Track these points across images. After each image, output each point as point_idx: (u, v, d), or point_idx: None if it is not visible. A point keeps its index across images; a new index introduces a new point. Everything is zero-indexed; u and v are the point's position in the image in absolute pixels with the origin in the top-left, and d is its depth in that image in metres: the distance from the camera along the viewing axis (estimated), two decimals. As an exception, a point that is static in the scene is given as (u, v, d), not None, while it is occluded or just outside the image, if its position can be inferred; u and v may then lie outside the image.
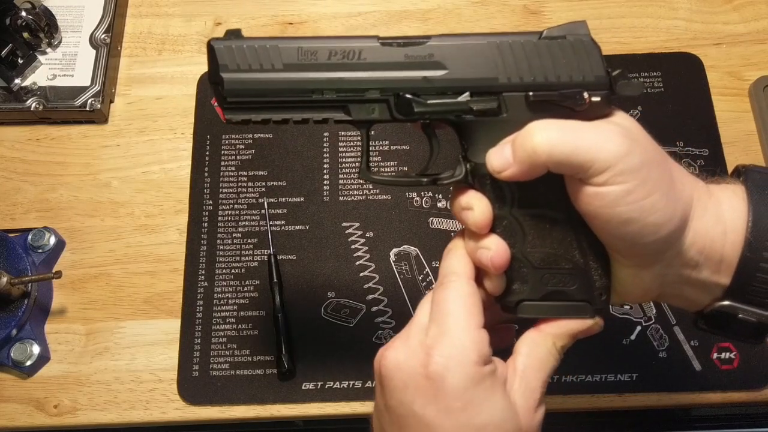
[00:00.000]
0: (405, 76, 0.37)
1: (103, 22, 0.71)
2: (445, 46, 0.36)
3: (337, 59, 0.37)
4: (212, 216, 0.65)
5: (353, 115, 0.38)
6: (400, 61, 0.37)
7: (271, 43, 0.37)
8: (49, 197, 0.66)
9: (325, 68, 0.37)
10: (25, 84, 0.69)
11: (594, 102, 0.35)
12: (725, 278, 0.35)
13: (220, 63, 0.37)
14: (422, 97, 0.37)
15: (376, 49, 0.37)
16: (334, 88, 0.37)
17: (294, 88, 0.37)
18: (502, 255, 0.37)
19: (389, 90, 0.37)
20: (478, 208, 0.37)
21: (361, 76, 0.37)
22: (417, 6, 0.74)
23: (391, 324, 0.61)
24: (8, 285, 0.57)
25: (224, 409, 0.59)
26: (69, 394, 0.60)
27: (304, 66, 0.37)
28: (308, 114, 0.38)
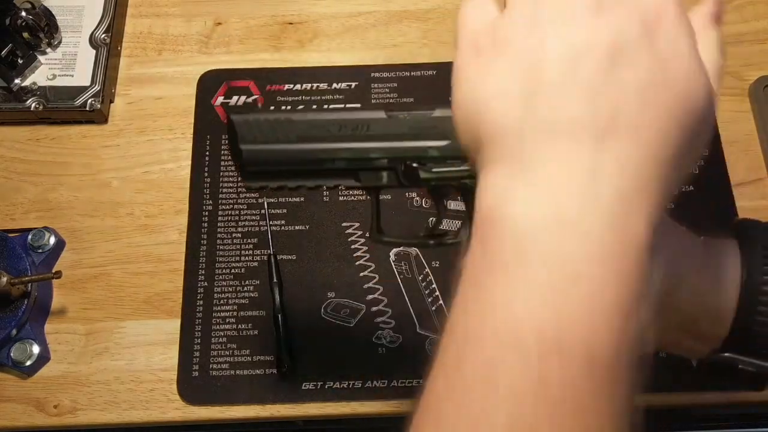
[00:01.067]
0: (409, 146, 0.39)
1: (103, 22, 0.71)
2: (447, 117, 0.38)
3: (346, 131, 0.39)
4: (212, 216, 0.65)
5: (363, 182, 0.40)
6: (404, 132, 0.39)
7: (285, 116, 0.39)
8: (49, 197, 0.66)
9: (336, 139, 0.39)
10: (25, 84, 0.69)
11: None
12: (723, 331, 0.36)
13: (240, 135, 0.40)
14: (428, 165, 0.39)
15: (383, 121, 0.39)
16: (343, 158, 0.39)
17: (307, 158, 0.39)
18: None
19: (394, 159, 0.39)
20: None
21: (368, 146, 0.39)
22: (417, 6, 0.74)
23: (391, 324, 0.61)
24: (8, 285, 0.57)
25: (224, 409, 0.59)
26: (69, 394, 0.60)
27: (317, 137, 0.39)
28: (321, 181, 0.41)
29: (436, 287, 0.62)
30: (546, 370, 0.23)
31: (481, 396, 0.24)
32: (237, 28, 0.73)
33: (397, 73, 0.70)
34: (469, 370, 0.24)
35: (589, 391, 0.23)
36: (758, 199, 0.64)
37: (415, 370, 0.59)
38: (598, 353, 0.23)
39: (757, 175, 0.65)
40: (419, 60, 0.71)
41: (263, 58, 0.72)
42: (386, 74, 0.70)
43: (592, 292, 0.23)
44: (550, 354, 0.23)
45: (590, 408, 0.23)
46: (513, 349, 0.23)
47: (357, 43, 0.72)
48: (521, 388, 0.23)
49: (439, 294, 0.61)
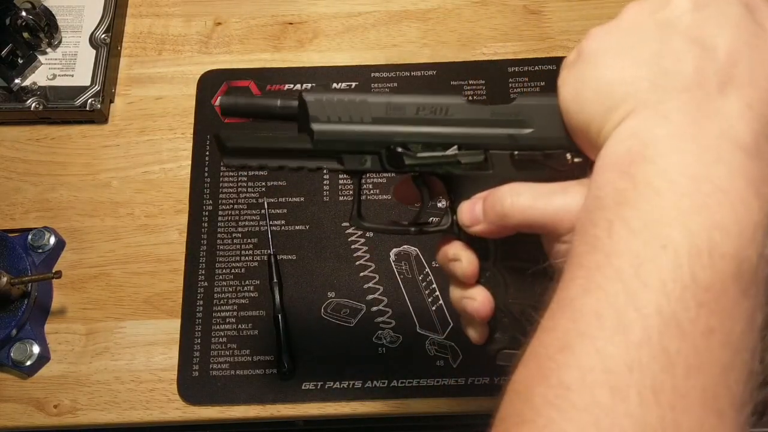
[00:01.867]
0: (490, 133, 0.37)
1: (103, 22, 0.71)
2: (530, 105, 0.37)
3: (424, 114, 0.38)
4: (212, 216, 0.65)
5: (346, 165, 0.39)
6: (486, 118, 0.37)
7: (360, 97, 0.38)
8: (49, 197, 0.66)
9: (413, 122, 0.38)
10: (25, 84, 0.69)
11: (576, 163, 0.36)
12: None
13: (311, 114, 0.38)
14: (412, 151, 0.38)
15: (463, 107, 0.37)
16: (419, 142, 0.38)
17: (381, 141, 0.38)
18: (487, 306, 0.38)
19: (473, 146, 0.37)
20: (465, 259, 0.38)
21: (447, 131, 0.38)
22: (417, 6, 0.74)
23: (391, 324, 0.61)
24: (8, 285, 0.57)
25: (224, 409, 0.59)
26: (69, 394, 0.60)
27: (393, 120, 0.38)
28: (304, 162, 0.39)
29: (436, 287, 0.62)
30: (697, 269, 0.24)
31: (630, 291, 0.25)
32: (237, 28, 0.73)
33: (397, 73, 0.70)
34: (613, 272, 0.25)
35: (734, 295, 0.24)
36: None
37: (415, 370, 0.59)
38: (745, 260, 0.24)
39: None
40: (419, 60, 0.71)
41: (263, 58, 0.72)
42: (386, 74, 0.70)
43: (739, 203, 0.25)
44: (700, 255, 0.24)
45: (735, 312, 0.24)
46: (663, 249, 0.25)
47: (357, 43, 0.72)
48: (671, 285, 0.24)
49: (439, 294, 0.61)
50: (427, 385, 0.59)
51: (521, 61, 0.70)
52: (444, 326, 0.61)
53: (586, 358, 0.24)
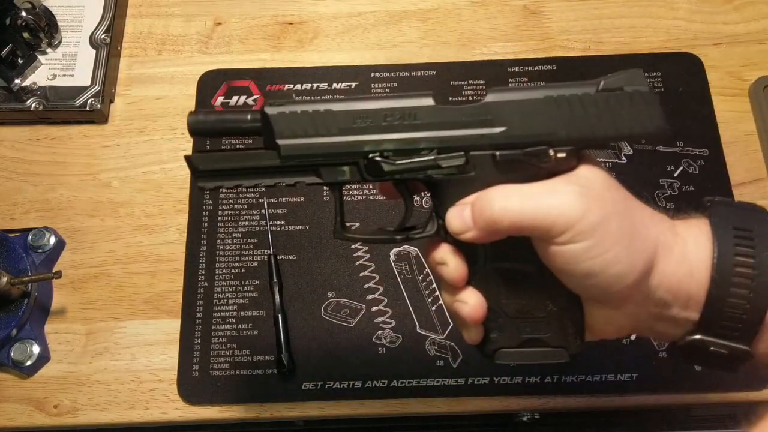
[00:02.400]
0: (462, 135, 0.37)
1: (103, 22, 0.71)
2: (501, 102, 0.36)
3: (393, 120, 0.37)
4: (212, 216, 0.65)
5: (324, 178, 0.38)
6: (456, 120, 0.37)
7: (325, 107, 0.37)
8: (49, 197, 0.66)
9: (382, 130, 0.37)
10: (25, 84, 0.69)
11: (560, 158, 0.36)
12: (695, 314, 0.36)
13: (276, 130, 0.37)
14: (391, 158, 0.37)
15: (432, 110, 0.37)
16: (390, 149, 0.37)
17: (350, 152, 0.37)
18: (478, 309, 0.38)
19: (447, 149, 0.37)
20: (452, 263, 0.38)
21: (417, 136, 0.37)
22: (417, 6, 0.74)
23: (391, 324, 0.61)
24: (8, 285, 0.57)
25: (224, 409, 0.59)
26: (69, 394, 0.60)
27: (360, 129, 0.37)
28: (280, 178, 0.39)
29: (436, 287, 0.62)
30: None
31: None
32: (237, 28, 0.73)
33: (397, 73, 0.70)
34: None
35: None
36: (758, 199, 0.64)
37: (415, 370, 0.59)
38: None
39: (757, 175, 0.65)
40: (419, 60, 0.71)
41: (263, 58, 0.72)
42: (386, 74, 0.70)
43: None
44: None
45: None
46: None
47: (357, 43, 0.72)
48: None
49: (439, 294, 0.61)
50: (427, 385, 0.59)
51: (521, 61, 0.70)
52: (444, 326, 0.61)
53: None
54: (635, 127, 0.36)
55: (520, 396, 0.58)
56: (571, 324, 0.38)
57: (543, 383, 0.58)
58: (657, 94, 0.36)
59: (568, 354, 0.39)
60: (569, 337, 0.39)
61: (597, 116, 0.36)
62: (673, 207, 0.61)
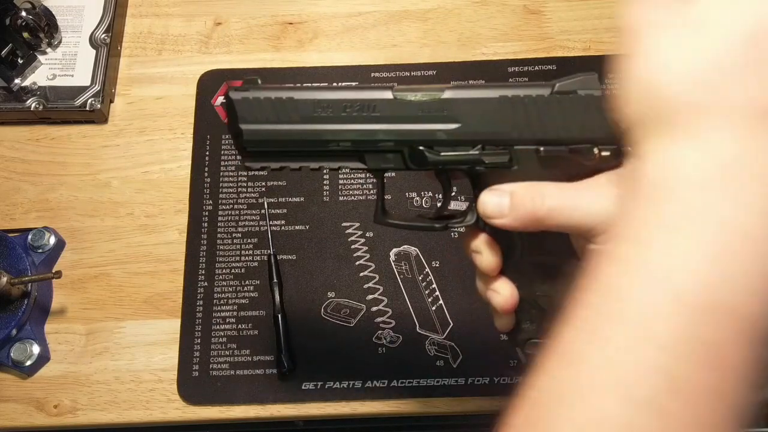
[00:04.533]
0: (418, 129, 0.37)
1: (103, 22, 0.71)
2: (457, 100, 0.37)
3: (351, 112, 0.38)
4: (212, 216, 0.65)
5: (368, 164, 0.39)
6: (413, 114, 0.37)
7: (288, 95, 0.38)
8: (49, 197, 0.66)
9: (341, 120, 0.38)
10: (25, 84, 0.69)
11: (604, 156, 0.36)
12: None
13: (239, 114, 0.38)
14: (435, 149, 0.38)
15: (390, 103, 0.37)
16: (348, 139, 0.38)
17: (311, 139, 0.38)
18: (509, 299, 0.38)
19: (402, 142, 0.38)
20: (486, 253, 0.38)
21: (375, 128, 0.38)
22: (417, 6, 0.74)
23: (391, 324, 0.61)
24: (8, 285, 0.57)
25: (224, 409, 0.59)
26: (69, 394, 0.60)
27: (321, 118, 0.38)
28: (325, 162, 0.39)
29: (436, 287, 0.62)
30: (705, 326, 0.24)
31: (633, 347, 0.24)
32: (237, 28, 0.73)
33: (397, 73, 0.70)
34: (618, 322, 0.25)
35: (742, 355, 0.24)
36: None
37: (415, 370, 0.59)
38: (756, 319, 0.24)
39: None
40: (419, 60, 0.71)
41: (263, 58, 0.72)
42: (386, 74, 0.70)
43: (758, 252, 0.24)
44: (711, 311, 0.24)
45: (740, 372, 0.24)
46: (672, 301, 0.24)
47: (357, 43, 0.72)
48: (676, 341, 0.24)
49: (439, 294, 0.61)
50: (427, 385, 0.59)
51: (521, 61, 0.70)
52: (444, 326, 0.61)
53: (581, 415, 0.24)
54: (586, 131, 0.36)
55: (520, 396, 0.58)
56: None
57: (543, 383, 0.58)
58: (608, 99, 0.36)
59: None
60: None
61: (549, 118, 0.36)
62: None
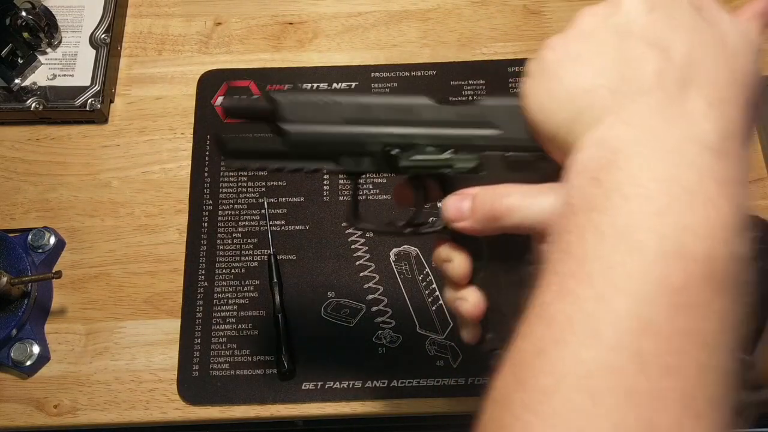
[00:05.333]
0: (457, 134, 0.38)
1: (103, 22, 0.71)
2: (498, 106, 0.38)
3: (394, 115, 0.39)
4: (212, 216, 0.65)
5: (345, 166, 0.40)
6: (453, 120, 0.38)
7: (332, 99, 0.39)
8: (49, 197, 0.66)
9: (383, 123, 0.39)
10: (25, 84, 0.69)
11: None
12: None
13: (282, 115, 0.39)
14: (408, 153, 0.38)
15: (432, 108, 0.39)
16: (391, 143, 0.39)
17: (352, 141, 0.39)
18: (477, 307, 0.38)
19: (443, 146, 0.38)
20: (456, 260, 0.39)
21: (414, 132, 0.39)
22: (417, 6, 0.74)
23: (391, 324, 0.61)
24: (8, 285, 0.57)
25: (224, 409, 0.59)
26: (69, 394, 0.60)
27: (363, 120, 0.39)
28: (302, 164, 0.40)
29: (436, 287, 0.62)
30: (667, 271, 0.24)
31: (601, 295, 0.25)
32: (237, 28, 0.73)
33: (397, 73, 0.70)
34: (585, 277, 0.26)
35: (708, 296, 0.24)
36: (758, 199, 0.64)
37: (415, 370, 0.59)
38: (716, 260, 0.25)
39: (757, 175, 0.65)
40: (419, 60, 0.71)
41: (263, 58, 0.72)
42: (386, 74, 0.70)
43: (709, 205, 0.25)
44: (671, 257, 0.24)
45: (709, 313, 0.24)
46: (633, 253, 0.25)
47: (357, 43, 0.72)
48: (642, 288, 0.24)
49: (439, 294, 0.61)
50: (427, 385, 0.59)
51: (521, 61, 0.70)
52: (444, 326, 0.61)
53: (560, 364, 0.25)
54: None
55: (520, 396, 0.58)
56: None
57: (543, 383, 0.58)
58: None
59: None
60: None
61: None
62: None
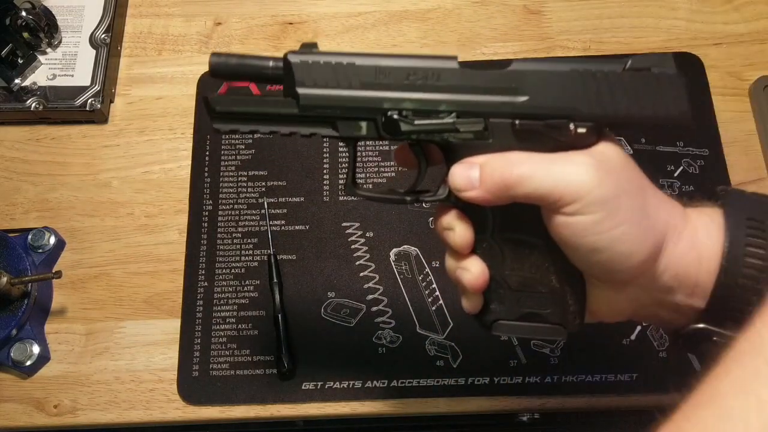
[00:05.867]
0: (483, 101, 0.36)
1: (103, 22, 0.71)
2: (525, 72, 0.36)
3: (415, 80, 0.36)
4: (212, 216, 0.65)
5: (341, 131, 0.38)
6: (479, 85, 0.36)
7: (348, 60, 0.36)
8: (49, 197, 0.66)
9: (403, 88, 0.37)
10: (25, 84, 0.69)
11: (579, 133, 0.35)
12: (700, 302, 0.36)
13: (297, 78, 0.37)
14: (409, 118, 0.37)
15: (456, 72, 0.36)
16: (410, 109, 0.37)
17: (369, 107, 0.37)
18: (480, 277, 0.38)
19: (466, 113, 0.36)
20: (458, 229, 0.38)
21: (438, 97, 0.36)
22: (417, 6, 0.74)
23: (391, 324, 0.61)
24: (8, 285, 0.57)
25: (224, 409, 0.59)
26: (69, 394, 0.60)
27: (382, 85, 0.37)
28: (296, 128, 0.38)
29: (436, 287, 0.62)
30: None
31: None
32: (237, 28, 0.73)
33: (397, 73, 0.70)
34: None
35: None
36: (758, 199, 0.64)
37: (415, 370, 0.59)
38: None
39: (757, 175, 0.65)
40: (419, 60, 0.71)
41: (263, 58, 0.72)
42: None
43: None
44: None
45: None
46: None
47: (357, 43, 0.72)
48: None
49: (439, 294, 0.61)
50: (427, 385, 0.59)
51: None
52: (444, 326, 0.61)
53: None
54: (658, 109, 0.35)
55: (520, 396, 0.58)
56: (573, 302, 0.38)
57: (543, 383, 0.58)
58: (684, 78, 0.36)
59: (566, 332, 0.38)
60: (569, 316, 0.38)
61: (621, 94, 0.35)
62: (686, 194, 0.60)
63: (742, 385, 0.26)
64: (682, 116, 0.36)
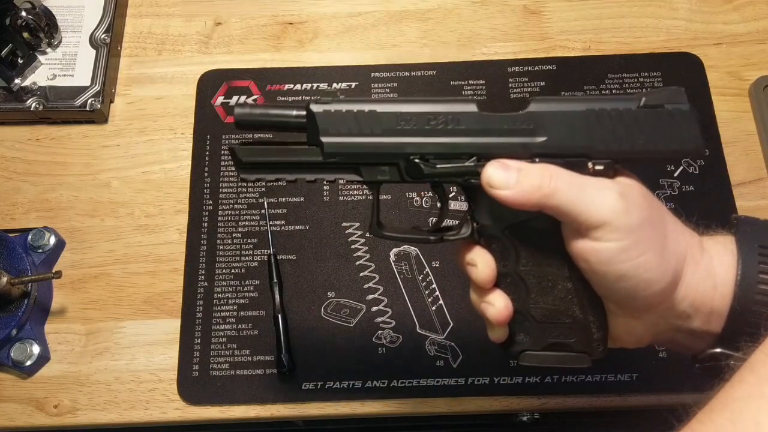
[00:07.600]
0: (503, 143, 0.37)
1: (103, 22, 0.71)
2: (543, 113, 0.37)
3: (436, 125, 0.38)
4: (212, 216, 0.65)
5: (364, 176, 0.39)
6: (498, 127, 0.37)
7: (370, 107, 0.38)
8: (49, 197, 0.66)
9: (424, 134, 0.38)
10: (25, 84, 0.69)
11: (597, 170, 0.37)
12: (716, 328, 0.37)
13: (321, 127, 0.38)
14: (431, 162, 0.38)
15: (475, 116, 0.38)
16: (432, 153, 0.38)
17: (392, 152, 0.38)
18: (503, 311, 0.39)
19: (487, 156, 0.37)
20: (481, 264, 0.39)
21: (459, 141, 0.38)
22: (417, 6, 0.74)
23: (391, 324, 0.61)
24: (8, 285, 0.57)
25: (224, 409, 0.59)
26: (69, 394, 0.60)
27: (404, 131, 0.38)
28: (321, 175, 0.39)
29: (436, 287, 0.62)
30: None
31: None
32: (237, 28, 0.73)
33: (397, 73, 0.70)
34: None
35: None
36: (758, 199, 0.64)
37: (415, 370, 0.59)
38: None
39: (757, 175, 0.65)
40: (419, 60, 0.71)
41: (263, 58, 0.72)
42: (386, 74, 0.70)
43: None
44: None
45: None
46: None
47: (357, 43, 0.72)
48: None
49: (439, 294, 0.61)
50: (427, 385, 0.59)
51: (521, 61, 0.70)
52: (444, 326, 0.61)
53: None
54: (674, 144, 0.37)
55: (520, 396, 0.58)
56: (597, 330, 0.39)
57: (543, 383, 0.58)
58: (696, 113, 0.37)
59: (590, 359, 0.39)
60: (593, 344, 0.39)
61: (636, 132, 0.37)
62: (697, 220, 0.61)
63: (755, 390, 0.26)
64: (696, 149, 0.37)
